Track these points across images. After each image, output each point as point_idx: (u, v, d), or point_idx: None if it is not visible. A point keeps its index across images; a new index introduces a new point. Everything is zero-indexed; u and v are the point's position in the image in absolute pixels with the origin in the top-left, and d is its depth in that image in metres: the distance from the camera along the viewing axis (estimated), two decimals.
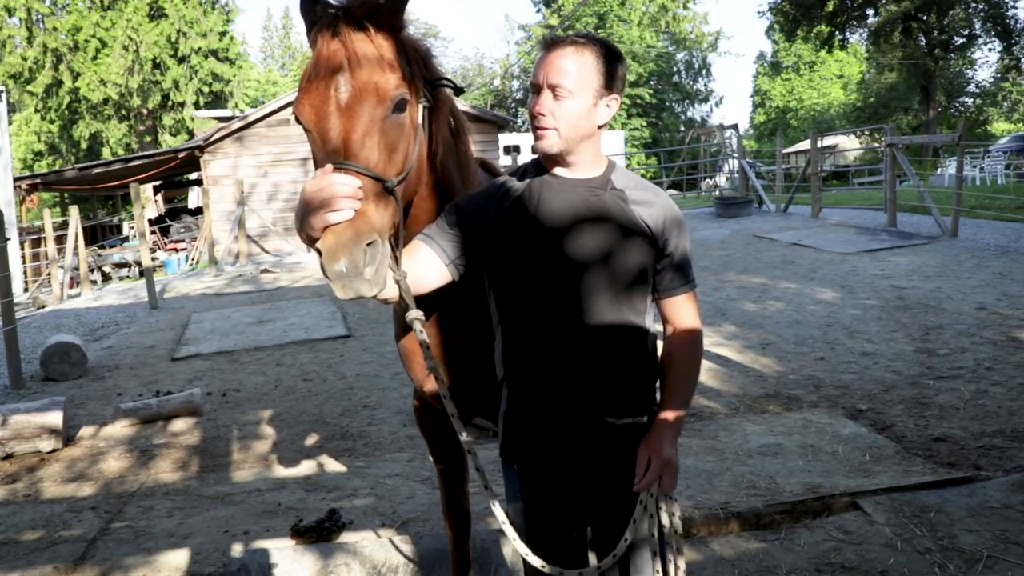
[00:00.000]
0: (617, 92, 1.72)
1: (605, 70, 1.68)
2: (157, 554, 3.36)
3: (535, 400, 1.76)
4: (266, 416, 5.45)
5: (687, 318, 1.82)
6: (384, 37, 1.63)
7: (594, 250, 1.69)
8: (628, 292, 1.72)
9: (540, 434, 1.77)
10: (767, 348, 6.21)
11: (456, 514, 2.57)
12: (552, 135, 1.68)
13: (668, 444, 1.75)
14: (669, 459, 1.74)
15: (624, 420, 1.76)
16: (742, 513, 3.34)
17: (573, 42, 1.69)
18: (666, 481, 1.75)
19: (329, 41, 1.59)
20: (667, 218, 1.76)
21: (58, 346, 6.82)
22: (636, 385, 1.78)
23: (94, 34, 31.49)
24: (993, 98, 43.54)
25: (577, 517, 1.82)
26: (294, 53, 65.30)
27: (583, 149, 1.72)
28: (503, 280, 1.76)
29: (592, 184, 1.74)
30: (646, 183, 1.82)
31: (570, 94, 1.66)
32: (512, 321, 1.78)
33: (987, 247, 9.69)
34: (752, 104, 57.04)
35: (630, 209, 1.73)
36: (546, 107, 1.67)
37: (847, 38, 34.56)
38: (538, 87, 1.69)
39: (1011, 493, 3.36)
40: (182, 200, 31.76)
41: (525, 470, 1.81)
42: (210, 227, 16.77)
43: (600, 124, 1.72)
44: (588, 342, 1.71)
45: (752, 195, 17.16)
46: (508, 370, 1.81)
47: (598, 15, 41.63)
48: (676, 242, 1.77)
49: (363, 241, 1.46)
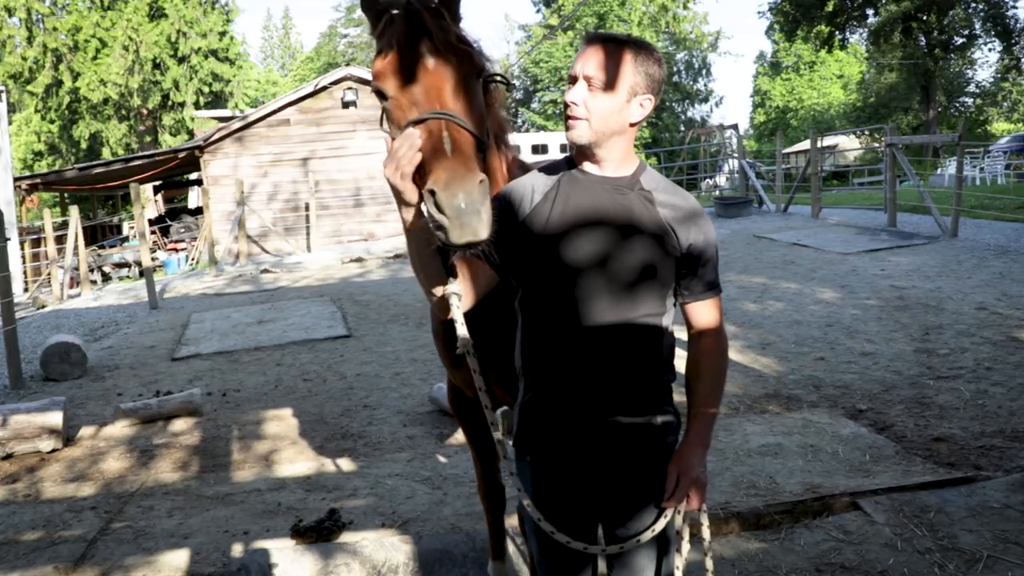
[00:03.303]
0: (652, 93, 1.71)
1: (642, 69, 1.69)
2: (157, 554, 3.36)
3: (549, 394, 1.77)
4: (266, 416, 5.45)
5: (712, 325, 1.81)
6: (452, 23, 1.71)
7: (615, 248, 1.69)
8: (646, 293, 1.72)
9: (553, 427, 1.77)
10: (767, 348, 6.21)
11: (492, 491, 2.73)
12: (583, 125, 1.68)
13: (698, 461, 1.75)
14: (698, 477, 1.74)
15: (635, 419, 1.75)
16: (742, 513, 3.34)
17: (614, 39, 1.70)
18: (694, 499, 1.75)
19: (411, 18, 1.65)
20: (694, 223, 1.75)
21: (58, 346, 6.82)
22: (649, 385, 1.77)
23: (94, 34, 31.46)
24: (993, 98, 43.54)
25: (587, 513, 1.81)
26: (294, 53, 65.33)
27: (613, 145, 1.72)
28: (526, 273, 1.76)
29: (620, 183, 1.74)
30: (676, 187, 1.81)
31: (604, 87, 1.67)
32: (531, 314, 1.78)
33: (987, 247, 9.69)
34: (752, 104, 57.04)
35: (656, 211, 1.72)
36: (579, 97, 1.68)
37: (847, 38, 34.54)
38: (574, 78, 1.70)
39: (1011, 493, 3.36)
40: (182, 200, 31.76)
41: (537, 462, 1.81)
42: (210, 227, 16.77)
43: (632, 122, 1.72)
44: (603, 340, 1.71)
45: (752, 195, 17.16)
46: (525, 362, 1.82)
47: (598, 15, 41.60)
48: (702, 247, 1.75)
49: (478, 176, 1.46)
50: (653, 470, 1.78)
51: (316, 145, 18.79)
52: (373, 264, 13.89)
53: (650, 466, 1.78)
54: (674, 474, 1.74)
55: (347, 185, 18.97)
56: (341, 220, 18.98)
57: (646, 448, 1.77)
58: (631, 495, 1.78)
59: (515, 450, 1.86)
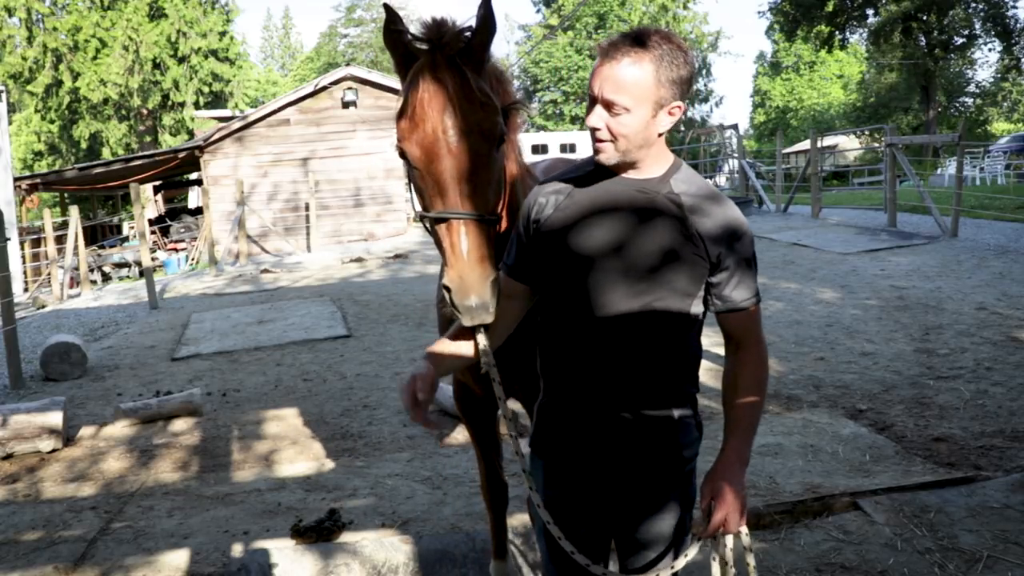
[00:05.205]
0: (680, 99, 1.60)
1: (667, 78, 1.57)
2: (157, 554, 3.36)
3: (565, 395, 1.75)
4: (266, 416, 5.44)
5: (749, 335, 1.73)
6: (476, 72, 1.73)
7: (631, 248, 1.64)
8: (664, 295, 1.65)
9: (568, 428, 1.75)
10: (767, 348, 6.20)
11: (495, 488, 2.75)
12: (608, 147, 1.62)
13: (736, 481, 1.65)
14: (736, 500, 1.64)
15: (652, 423, 1.71)
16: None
17: (630, 51, 1.56)
18: (732, 522, 1.64)
19: (431, 81, 1.69)
20: (725, 228, 1.65)
21: (58, 346, 6.82)
22: (667, 388, 1.71)
23: (94, 34, 31.47)
24: (993, 98, 43.57)
25: (600, 518, 1.79)
26: (294, 53, 65.31)
27: (643, 156, 1.65)
28: (547, 273, 1.74)
29: (646, 184, 1.66)
30: (710, 189, 1.69)
31: (626, 111, 1.57)
32: (550, 314, 1.77)
33: (987, 247, 9.69)
34: (752, 104, 57.07)
35: (683, 213, 1.64)
36: (601, 122, 1.60)
37: (847, 38, 34.56)
38: (593, 99, 1.61)
39: (1011, 493, 3.36)
40: (182, 200, 31.74)
41: (551, 463, 1.80)
42: (210, 227, 16.78)
43: (661, 132, 1.64)
44: (618, 340, 1.67)
45: (752, 195, 17.17)
46: (544, 362, 1.81)
47: (598, 15, 41.62)
48: (734, 253, 1.66)
49: (488, 278, 1.68)
50: (669, 476, 1.74)
51: (316, 145, 18.79)
52: (373, 264, 13.89)
53: (666, 472, 1.73)
54: (708, 495, 1.65)
55: (347, 185, 18.97)
56: (341, 220, 18.98)
57: (662, 452, 1.72)
58: (645, 500, 1.74)
59: (531, 450, 1.85)
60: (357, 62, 46.46)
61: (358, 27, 54.58)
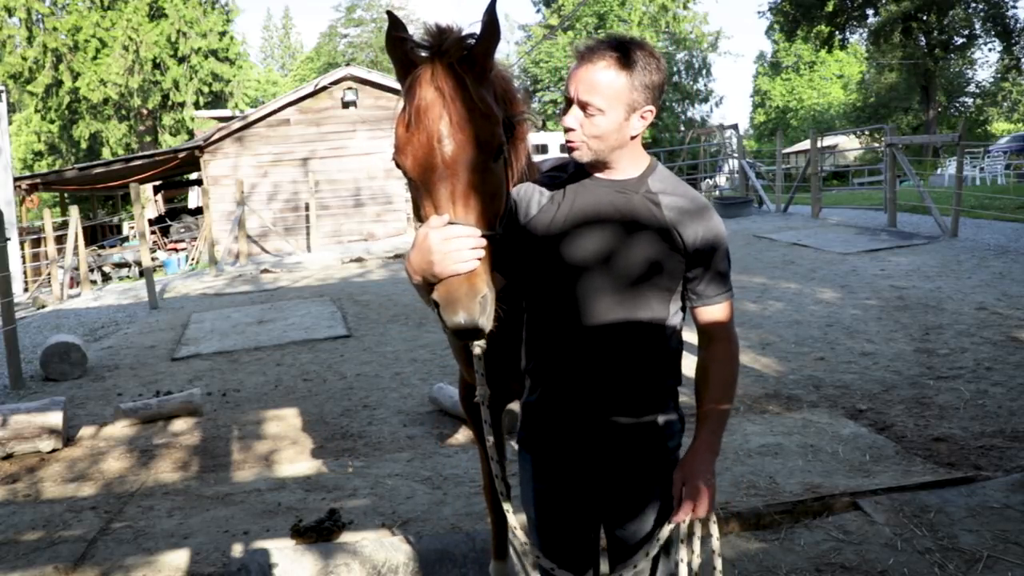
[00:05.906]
0: (652, 103, 1.68)
1: (640, 83, 1.64)
2: (157, 554, 3.36)
3: (551, 392, 1.79)
4: (266, 416, 5.45)
5: (720, 329, 1.77)
6: (478, 80, 1.64)
7: (613, 250, 1.69)
8: (646, 294, 1.71)
9: (555, 426, 1.79)
10: (767, 348, 6.21)
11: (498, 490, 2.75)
12: (582, 147, 1.69)
13: (706, 468, 1.70)
14: (705, 483, 1.68)
15: (637, 420, 1.75)
16: (742, 513, 3.34)
17: (606, 55, 1.64)
18: (701, 507, 1.68)
19: (428, 89, 1.60)
20: (701, 225, 1.72)
21: (58, 346, 6.82)
22: (652, 386, 1.77)
23: (94, 34, 31.49)
24: (993, 98, 43.56)
25: (588, 513, 1.83)
26: (294, 53, 65.31)
27: (617, 157, 1.72)
28: (531, 273, 1.78)
29: (625, 185, 1.73)
30: (685, 189, 1.77)
31: (600, 112, 1.64)
32: (535, 313, 1.81)
33: (987, 247, 9.69)
34: (752, 104, 57.06)
35: (659, 212, 1.71)
36: (575, 122, 1.67)
37: (847, 38, 34.57)
38: (569, 101, 1.68)
39: (1011, 493, 3.36)
40: (182, 200, 31.76)
41: (539, 460, 1.83)
42: (210, 227, 16.78)
43: (633, 135, 1.70)
44: (606, 338, 1.71)
45: (752, 195, 17.16)
46: (529, 361, 1.84)
47: (598, 15, 41.59)
48: (710, 250, 1.72)
49: (477, 296, 1.56)
50: (654, 471, 1.78)
51: (316, 145, 18.80)
52: (373, 264, 13.89)
53: (651, 467, 1.78)
54: (679, 482, 1.70)
55: (347, 185, 18.98)
56: (341, 220, 18.98)
57: (647, 448, 1.77)
58: (631, 496, 1.79)
59: (519, 446, 1.88)
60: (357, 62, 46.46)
61: (358, 27, 54.57)
